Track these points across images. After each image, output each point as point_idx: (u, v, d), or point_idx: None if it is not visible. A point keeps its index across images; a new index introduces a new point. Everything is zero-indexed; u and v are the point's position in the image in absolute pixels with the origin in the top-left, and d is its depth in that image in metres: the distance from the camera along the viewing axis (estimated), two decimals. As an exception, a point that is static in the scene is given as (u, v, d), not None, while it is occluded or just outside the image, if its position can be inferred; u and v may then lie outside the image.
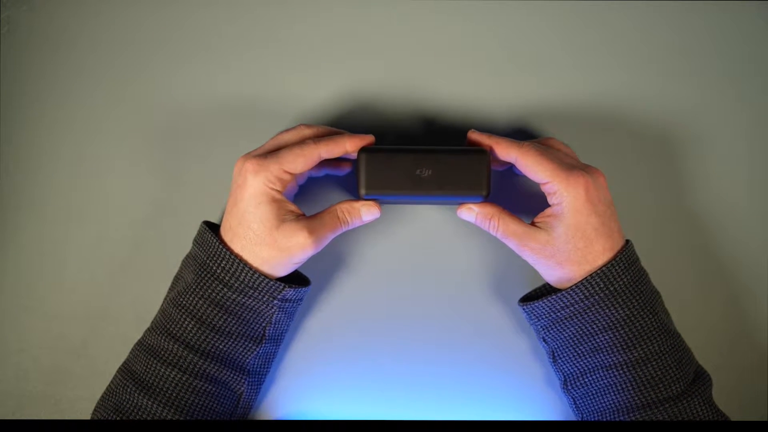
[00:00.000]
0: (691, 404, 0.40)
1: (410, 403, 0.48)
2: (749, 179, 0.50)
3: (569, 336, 0.43)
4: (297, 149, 0.41)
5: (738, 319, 0.49)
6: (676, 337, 0.42)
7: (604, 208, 0.41)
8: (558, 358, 0.44)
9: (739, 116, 0.50)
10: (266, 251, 0.40)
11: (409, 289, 0.49)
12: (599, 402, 0.42)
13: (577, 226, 0.40)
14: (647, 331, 0.41)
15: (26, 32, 0.51)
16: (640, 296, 0.41)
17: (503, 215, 0.43)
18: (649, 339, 0.41)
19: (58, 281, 0.49)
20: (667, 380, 0.40)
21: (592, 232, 0.40)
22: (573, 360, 0.43)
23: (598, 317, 0.41)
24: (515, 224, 0.42)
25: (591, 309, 0.41)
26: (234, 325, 0.41)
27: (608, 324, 0.41)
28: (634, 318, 0.41)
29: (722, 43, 0.50)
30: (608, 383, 0.42)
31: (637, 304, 0.41)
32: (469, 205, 0.43)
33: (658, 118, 0.50)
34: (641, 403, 0.41)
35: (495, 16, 0.50)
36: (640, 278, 0.42)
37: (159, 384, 0.40)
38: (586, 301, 0.41)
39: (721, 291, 0.49)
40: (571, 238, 0.41)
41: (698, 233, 0.49)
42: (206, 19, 0.51)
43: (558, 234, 0.41)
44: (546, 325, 0.44)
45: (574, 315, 0.42)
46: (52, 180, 0.50)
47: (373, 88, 0.50)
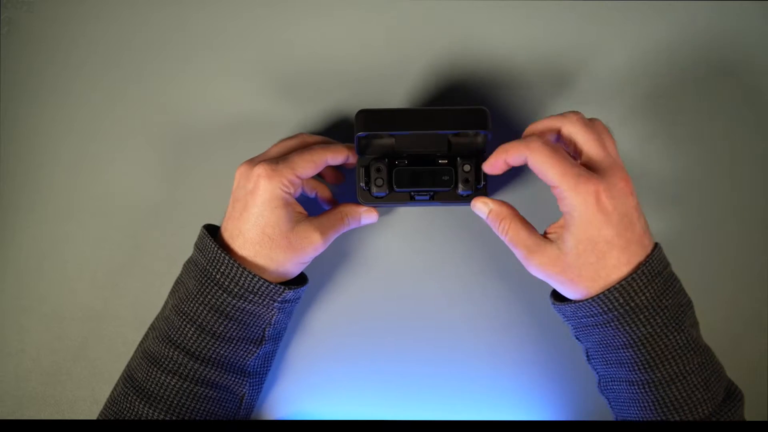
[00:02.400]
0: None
1: (410, 403, 0.48)
2: (749, 179, 0.50)
3: (596, 342, 0.41)
4: (307, 154, 0.42)
5: (738, 320, 0.49)
6: (705, 354, 0.39)
7: (620, 218, 0.37)
8: (591, 358, 0.42)
9: (739, 116, 0.50)
10: (281, 254, 0.41)
11: (409, 289, 0.49)
12: (626, 413, 0.41)
13: (589, 239, 0.37)
14: (671, 350, 0.38)
15: (26, 33, 0.51)
16: (666, 311, 0.38)
17: (516, 220, 0.41)
18: (673, 358, 0.38)
19: (58, 281, 0.49)
20: (692, 403, 0.38)
21: (604, 246, 0.37)
22: (603, 365, 0.42)
23: (618, 333, 0.38)
24: (526, 233, 0.40)
25: (611, 324, 0.38)
26: (235, 330, 0.41)
27: (629, 341, 0.38)
28: (657, 336, 0.38)
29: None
30: (632, 398, 0.39)
31: (661, 321, 0.38)
32: (485, 199, 0.42)
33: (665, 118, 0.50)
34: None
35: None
36: (667, 290, 0.38)
37: (162, 393, 0.40)
38: (605, 316, 0.38)
39: (721, 291, 0.49)
40: (582, 252, 0.38)
41: (698, 233, 0.49)
42: (207, 21, 0.51)
43: (568, 248, 0.38)
44: (575, 326, 0.42)
45: (597, 325, 0.40)
46: (52, 180, 0.50)
47: (373, 94, 0.50)
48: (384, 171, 0.44)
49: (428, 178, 0.44)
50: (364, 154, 0.44)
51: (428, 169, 0.44)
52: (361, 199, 0.45)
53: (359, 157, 0.44)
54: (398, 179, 0.44)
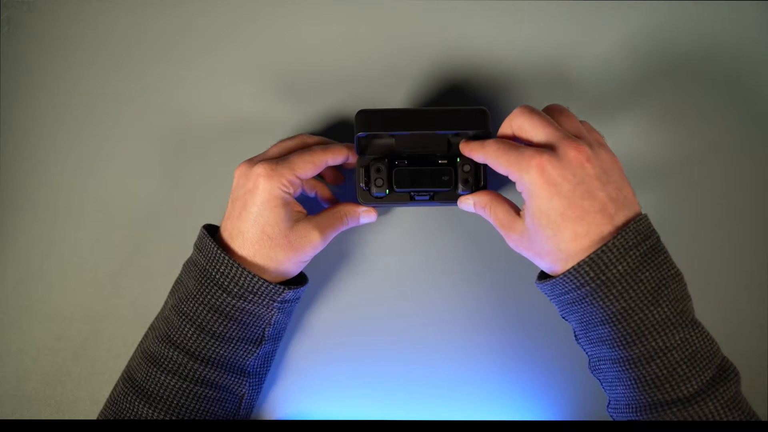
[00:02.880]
0: (706, 407, 0.36)
1: (410, 403, 0.48)
2: (749, 179, 0.50)
3: (578, 320, 0.40)
4: (307, 155, 0.42)
5: (738, 320, 0.49)
6: (690, 328, 0.37)
7: (572, 188, 0.36)
8: (578, 338, 0.42)
9: (740, 117, 0.50)
10: (281, 253, 0.41)
11: (409, 289, 0.49)
12: (614, 392, 0.40)
13: (541, 212, 0.37)
14: (649, 325, 0.36)
15: (26, 33, 0.51)
16: (642, 284, 0.36)
17: (495, 203, 0.42)
18: (650, 334, 0.36)
19: (58, 281, 0.49)
20: (675, 379, 0.36)
21: (557, 217, 0.36)
22: (588, 345, 0.41)
23: (594, 309, 0.38)
24: (503, 212, 0.41)
25: (586, 300, 0.38)
26: (234, 330, 0.41)
27: (605, 317, 0.37)
28: (632, 311, 0.36)
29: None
30: (617, 377, 0.39)
31: (636, 295, 0.36)
32: (466, 196, 0.44)
33: (666, 119, 0.50)
34: (649, 402, 0.37)
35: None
36: (645, 263, 0.36)
37: (161, 393, 0.40)
38: (579, 291, 0.38)
39: (721, 291, 0.49)
40: (539, 227, 0.37)
41: (698, 233, 0.49)
42: (207, 21, 0.51)
43: (528, 223, 0.38)
44: (559, 305, 0.41)
45: (574, 302, 0.39)
46: (52, 180, 0.50)
47: (373, 94, 0.50)
48: (384, 171, 0.44)
49: (428, 178, 0.44)
50: (364, 155, 0.44)
51: (428, 169, 0.44)
52: (361, 199, 0.45)
53: (359, 157, 0.44)
54: (398, 179, 0.44)
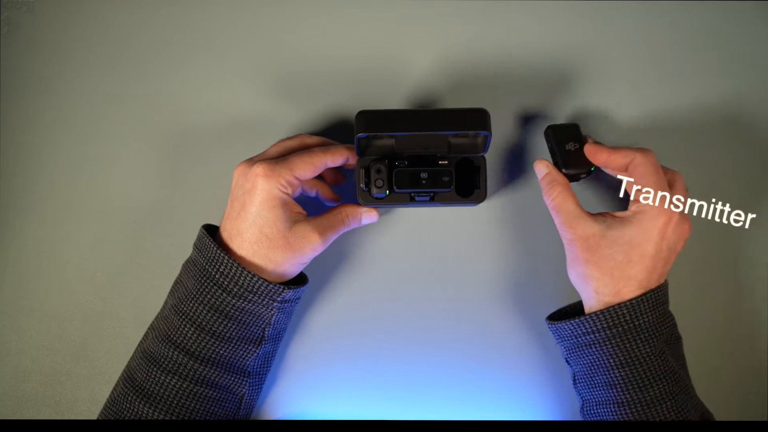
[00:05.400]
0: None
1: (410, 403, 0.48)
2: (749, 181, 0.50)
3: (587, 364, 0.42)
4: (306, 156, 0.42)
5: (738, 320, 0.49)
6: (683, 382, 0.41)
7: (665, 250, 0.40)
8: (578, 382, 0.44)
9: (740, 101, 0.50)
10: (280, 254, 0.41)
11: (410, 290, 0.49)
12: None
13: (632, 241, 0.40)
14: (660, 372, 0.40)
15: (26, 33, 0.51)
16: (663, 338, 0.40)
17: (567, 190, 0.43)
18: (658, 380, 0.40)
19: (58, 281, 0.49)
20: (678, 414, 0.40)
21: (637, 256, 0.40)
22: (588, 389, 0.43)
23: (617, 351, 0.40)
24: (573, 204, 0.42)
25: (613, 340, 0.40)
26: (234, 330, 0.41)
27: (626, 360, 0.40)
28: (654, 357, 0.40)
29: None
30: (618, 420, 0.41)
31: (659, 344, 0.40)
32: (547, 162, 0.45)
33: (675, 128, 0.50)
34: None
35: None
36: (665, 320, 0.41)
37: (161, 393, 0.40)
38: (609, 331, 0.40)
39: (721, 291, 0.49)
40: (618, 247, 0.40)
41: (698, 234, 0.49)
42: (207, 21, 0.51)
43: (611, 235, 0.40)
44: (569, 347, 0.43)
45: (596, 343, 0.41)
46: (52, 180, 0.50)
47: (373, 95, 0.50)
48: (384, 172, 0.44)
49: (428, 179, 0.44)
50: (364, 155, 0.44)
51: (428, 170, 0.44)
52: (361, 200, 0.45)
53: (359, 158, 0.44)
54: (398, 180, 0.44)
